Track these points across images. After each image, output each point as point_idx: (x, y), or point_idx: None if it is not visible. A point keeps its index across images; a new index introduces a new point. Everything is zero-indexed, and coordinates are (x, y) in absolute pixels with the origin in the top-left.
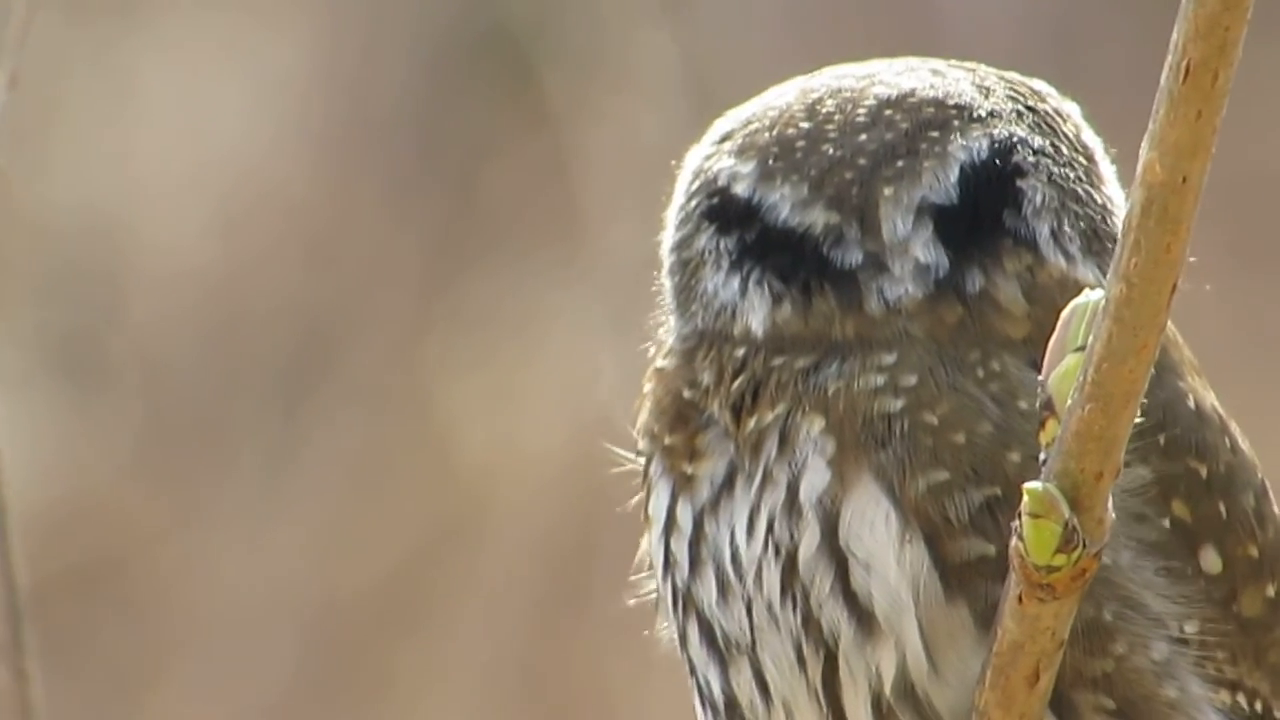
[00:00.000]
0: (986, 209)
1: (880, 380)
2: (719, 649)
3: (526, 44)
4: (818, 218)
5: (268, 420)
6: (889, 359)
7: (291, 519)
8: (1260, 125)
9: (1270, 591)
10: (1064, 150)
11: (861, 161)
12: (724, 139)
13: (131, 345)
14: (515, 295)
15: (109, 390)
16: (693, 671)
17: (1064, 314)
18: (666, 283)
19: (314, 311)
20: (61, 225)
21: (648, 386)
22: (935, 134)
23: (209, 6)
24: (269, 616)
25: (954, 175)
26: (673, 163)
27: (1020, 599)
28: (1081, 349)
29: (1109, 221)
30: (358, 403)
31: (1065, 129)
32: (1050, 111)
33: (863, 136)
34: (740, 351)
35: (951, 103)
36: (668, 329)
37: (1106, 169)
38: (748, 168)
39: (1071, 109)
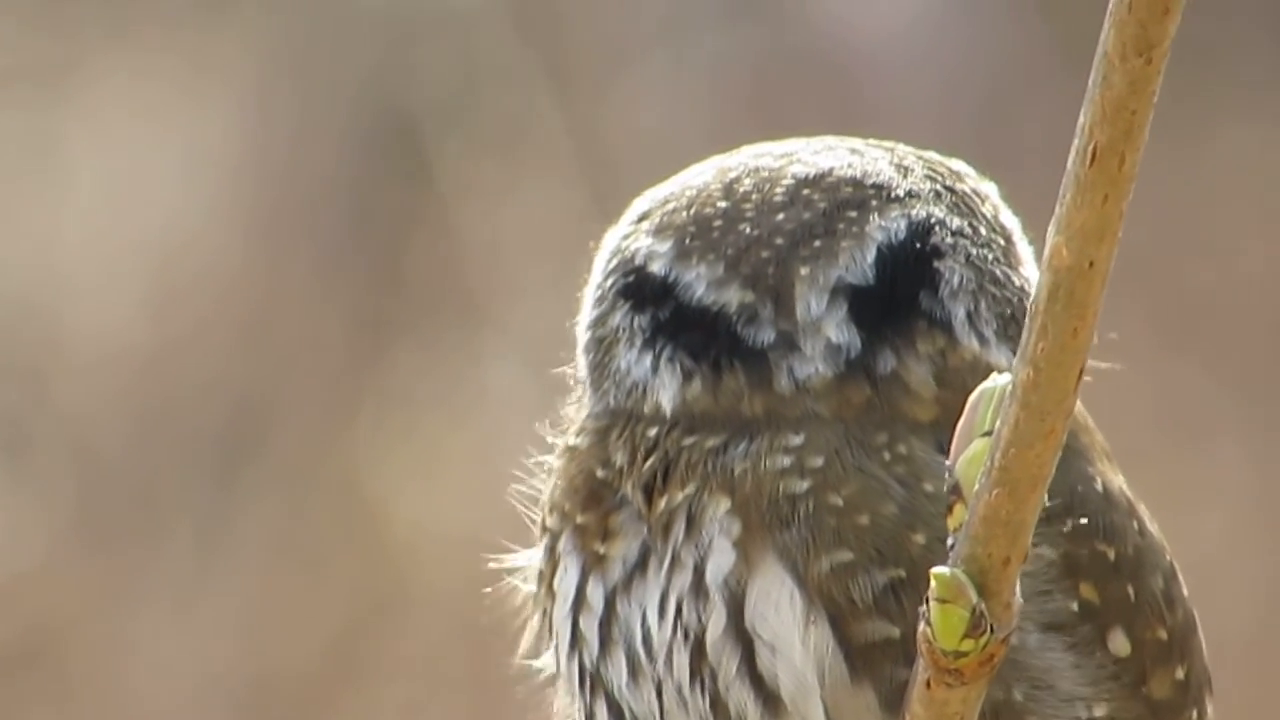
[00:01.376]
0: (903, 290)
1: (787, 461)
2: None
3: (446, 127)
4: (732, 297)
5: (198, 498)
6: (796, 440)
7: (221, 597)
8: (1180, 206)
9: (1180, 674)
10: (982, 231)
11: (778, 241)
12: (642, 218)
13: (61, 425)
14: (441, 373)
15: (39, 470)
16: None
17: (971, 398)
18: (581, 360)
19: (243, 390)
20: None
21: (559, 463)
22: (853, 214)
23: (137, 79)
24: (199, 694)
25: (870, 255)
26: (591, 243)
27: (928, 684)
28: (989, 434)
29: (1026, 303)
30: (287, 481)
31: (984, 209)
32: (969, 192)
33: (780, 216)
34: (653, 431)
35: (869, 182)
36: (580, 406)
37: (1024, 250)
38: (664, 246)
39: (990, 189)
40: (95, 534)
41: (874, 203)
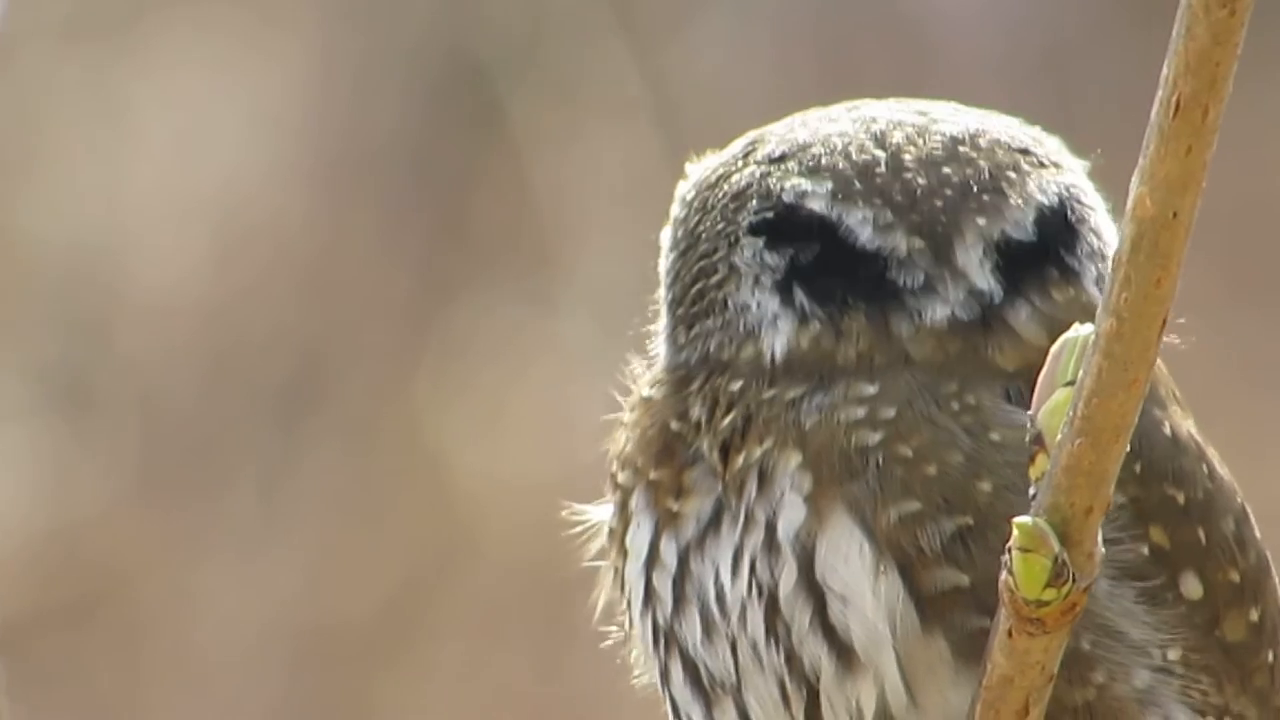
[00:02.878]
0: (1051, 250)
1: (860, 413)
2: (704, 688)
3: (513, 76)
4: (899, 241)
5: (260, 449)
6: (870, 389)
7: (284, 548)
8: (1256, 160)
9: (1254, 616)
10: (1093, 199)
11: (948, 192)
12: (780, 159)
13: (125, 376)
14: (506, 324)
15: (102, 421)
16: (675, 710)
17: (1054, 348)
18: (665, 306)
19: (306, 342)
20: (54, 255)
21: (630, 416)
22: (1013, 174)
23: (202, 31)
24: (260, 645)
25: (1033, 215)
26: (676, 177)
27: (1010, 633)
28: (1071, 383)
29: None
30: (350, 432)
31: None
32: (1076, 164)
33: (945, 169)
34: (736, 385)
35: (1017, 146)
36: (655, 356)
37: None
38: (823, 188)
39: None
40: (158, 485)
41: (1026, 166)
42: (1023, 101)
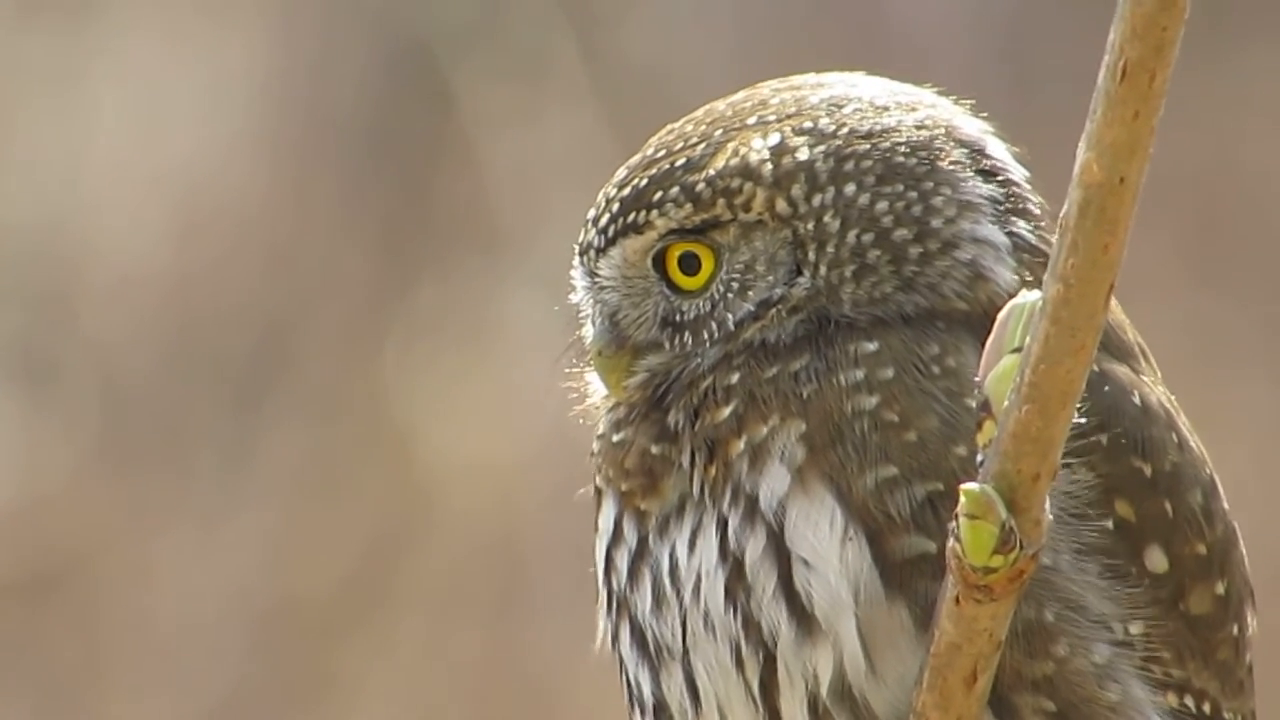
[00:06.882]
0: None
1: (859, 375)
2: (649, 654)
3: (469, 54)
4: None
5: (222, 425)
6: (870, 346)
7: (244, 523)
8: (1215, 139)
9: (1219, 589)
10: None
11: None
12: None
13: (87, 351)
14: (464, 300)
15: (64, 395)
16: (623, 670)
17: (1001, 315)
18: (702, 305)
19: (267, 317)
20: (16, 230)
21: (602, 424)
22: None
23: (161, 7)
24: (221, 619)
25: None
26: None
27: (957, 600)
28: (1018, 350)
29: None
30: (312, 407)
31: None
32: None
33: None
34: (734, 378)
35: None
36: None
37: None
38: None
39: None
40: (120, 459)
41: None
42: (984, 70)
